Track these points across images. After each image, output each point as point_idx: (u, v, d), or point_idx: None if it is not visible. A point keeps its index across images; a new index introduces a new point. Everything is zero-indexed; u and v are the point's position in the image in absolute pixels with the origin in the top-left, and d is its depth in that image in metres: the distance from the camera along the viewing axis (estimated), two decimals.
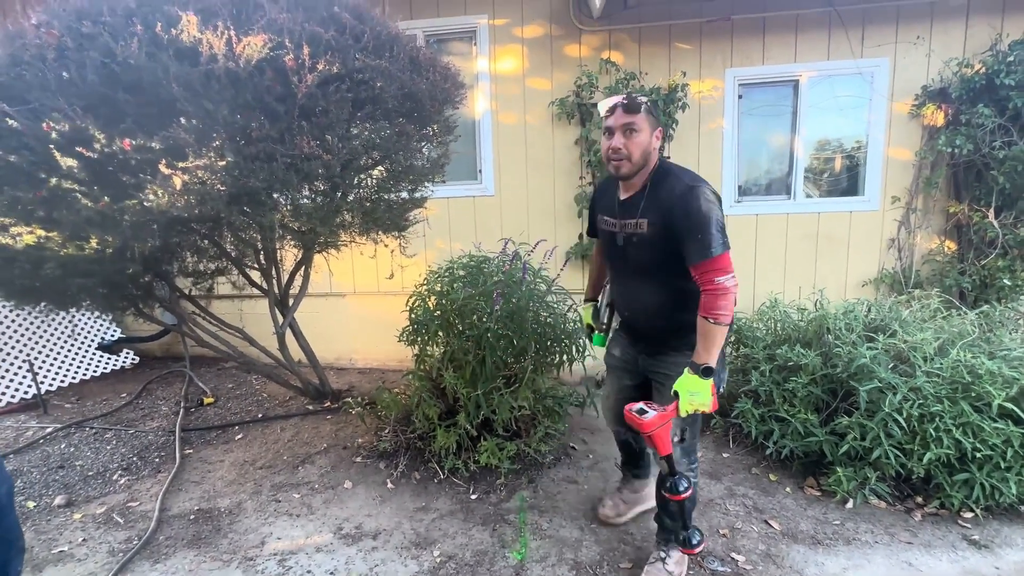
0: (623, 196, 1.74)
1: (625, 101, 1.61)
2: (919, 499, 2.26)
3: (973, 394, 2.12)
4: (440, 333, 2.49)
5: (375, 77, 1.98)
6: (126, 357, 4.49)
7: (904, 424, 2.12)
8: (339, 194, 2.20)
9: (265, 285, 3.11)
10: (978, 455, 2.06)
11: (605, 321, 2.13)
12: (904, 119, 3.56)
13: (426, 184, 2.61)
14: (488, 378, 2.43)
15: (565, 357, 2.64)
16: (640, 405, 1.60)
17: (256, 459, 2.84)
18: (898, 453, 2.16)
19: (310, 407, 3.50)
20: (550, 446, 2.70)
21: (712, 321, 1.53)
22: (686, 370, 1.59)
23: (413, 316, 2.57)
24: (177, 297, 2.92)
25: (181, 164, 1.79)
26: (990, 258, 3.20)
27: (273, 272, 3.00)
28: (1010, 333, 2.56)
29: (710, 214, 1.53)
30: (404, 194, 2.52)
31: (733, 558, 1.99)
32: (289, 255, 3.15)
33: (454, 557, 2.03)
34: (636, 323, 1.87)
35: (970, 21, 3.42)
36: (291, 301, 3.23)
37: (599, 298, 2.18)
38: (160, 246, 2.12)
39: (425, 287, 2.71)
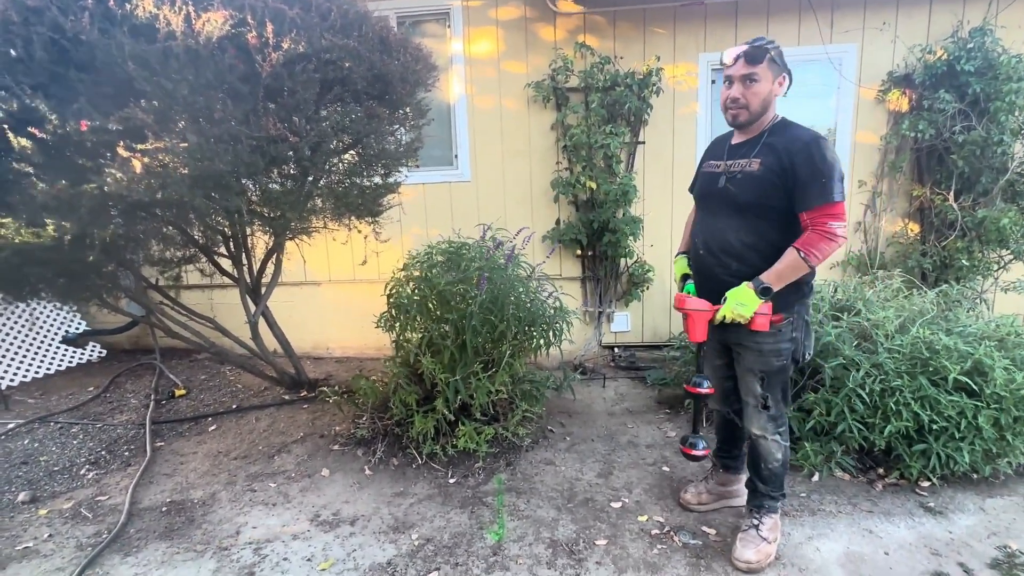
0: (736, 141, 1.80)
1: (748, 51, 1.62)
2: (880, 470, 2.36)
3: (931, 369, 2.20)
4: (419, 319, 2.47)
5: (343, 57, 1.93)
6: (92, 350, 4.35)
7: (867, 399, 2.20)
8: (309, 179, 2.15)
9: (236, 273, 3.04)
10: (935, 427, 2.15)
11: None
12: (870, 104, 3.64)
13: (400, 169, 2.57)
14: (467, 363, 2.43)
15: (543, 341, 2.65)
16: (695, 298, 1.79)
17: (230, 450, 2.80)
18: (861, 427, 2.25)
19: (286, 397, 3.46)
20: (528, 429, 2.73)
21: (802, 255, 1.59)
22: (745, 283, 1.65)
23: (392, 302, 2.54)
24: (144, 287, 2.83)
25: (140, 146, 1.73)
26: (950, 239, 3.32)
27: (244, 260, 2.93)
28: (966, 311, 2.67)
29: (835, 163, 1.59)
30: (377, 179, 2.48)
31: (704, 531, 2.05)
32: (260, 242, 3.09)
33: (432, 540, 2.05)
34: (711, 267, 1.82)
35: (933, 7, 3.50)
36: (263, 290, 3.16)
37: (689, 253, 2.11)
38: (123, 233, 2.04)
39: (403, 272, 2.68)
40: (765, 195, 1.66)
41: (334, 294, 4.26)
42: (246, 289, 2.95)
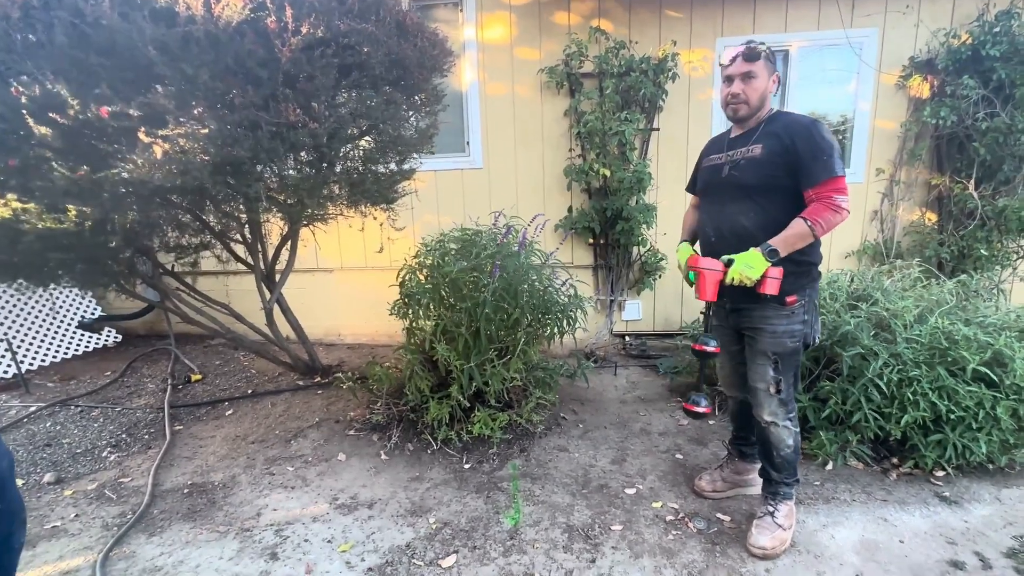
0: (735, 134, 1.89)
1: (744, 51, 1.74)
2: (895, 460, 2.36)
3: (949, 359, 2.19)
4: (431, 306, 2.48)
5: (361, 42, 1.91)
6: (108, 335, 4.40)
7: (884, 389, 2.19)
8: (325, 165, 2.15)
9: (251, 260, 3.05)
10: (952, 417, 2.15)
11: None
12: (891, 90, 3.58)
13: (414, 155, 2.56)
14: (481, 350, 2.44)
15: (556, 329, 2.66)
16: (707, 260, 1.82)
17: (248, 434, 2.84)
18: (877, 416, 2.24)
19: (300, 382, 3.49)
20: (541, 416, 2.75)
21: (808, 223, 1.66)
22: (752, 248, 1.71)
23: (405, 289, 2.55)
24: (160, 273, 2.85)
25: (161, 132, 1.73)
26: (969, 229, 3.27)
27: (259, 247, 2.95)
28: (985, 301, 2.64)
29: (832, 142, 1.69)
30: (392, 165, 2.47)
31: (719, 518, 2.07)
32: (275, 229, 3.10)
33: (449, 523, 2.08)
34: (724, 252, 1.84)
35: None
36: (277, 276, 3.18)
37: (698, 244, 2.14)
38: (141, 219, 2.05)
39: (416, 260, 2.69)
40: (769, 176, 1.75)
41: (346, 281, 4.28)
42: (261, 276, 2.97)
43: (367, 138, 2.25)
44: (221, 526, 2.09)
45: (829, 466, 2.36)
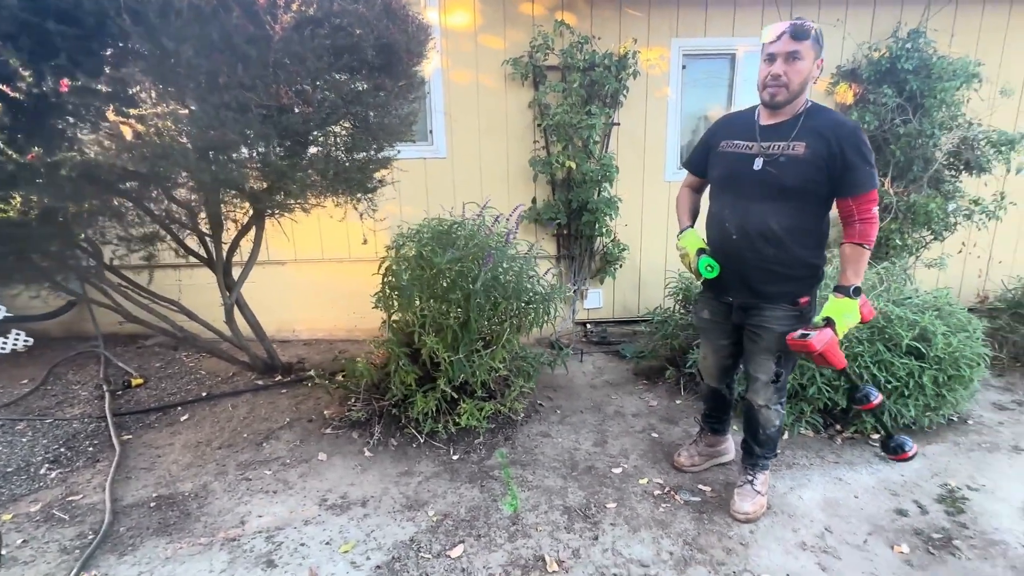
0: (768, 122, 1.78)
1: (792, 28, 1.60)
2: (839, 427, 2.66)
3: (886, 336, 2.50)
4: (418, 298, 2.43)
5: (353, 23, 1.82)
6: (16, 339, 3.87)
7: None
8: (310, 150, 2.04)
9: (204, 253, 2.83)
10: (888, 386, 2.46)
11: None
12: (821, 96, 3.94)
13: (394, 144, 2.49)
14: (469, 341, 2.44)
15: (537, 318, 2.71)
16: (801, 331, 1.73)
17: (211, 439, 2.65)
18: (828, 389, 2.52)
19: (260, 382, 3.29)
20: (523, 404, 2.80)
21: (866, 247, 1.68)
22: (832, 296, 1.72)
23: (388, 281, 2.49)
24: (101, 268, 2.57)
25: (135, 111, 1.56)
26: (886, 222, 3.71)
27: (212, 238, 2.72)
28: (904, 284, 3.03)
29: (871, 152, 1.65)
30: (372, 152, 2.39)
31: (700, 489, 2.24)
32: (230, 221, 2.87)
33: (450, 515, 2.08)
34: (742, 251, 1.81)
35: (877, 9, 3.83)
36: (234, 270, 2.97)
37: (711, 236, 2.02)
38: (100, 208, 1.84)
39: (393, 251, 2.62)
40: (811, 179, 1.67)
41: (301, 274, 4.06)
42: (220, 269, 2.76)
43: (351, 124, 2.15)
44: (203, 538, 1.95)
45: (786, 436, 2.62)
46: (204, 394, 3.13)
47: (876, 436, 2.58)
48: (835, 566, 1.79)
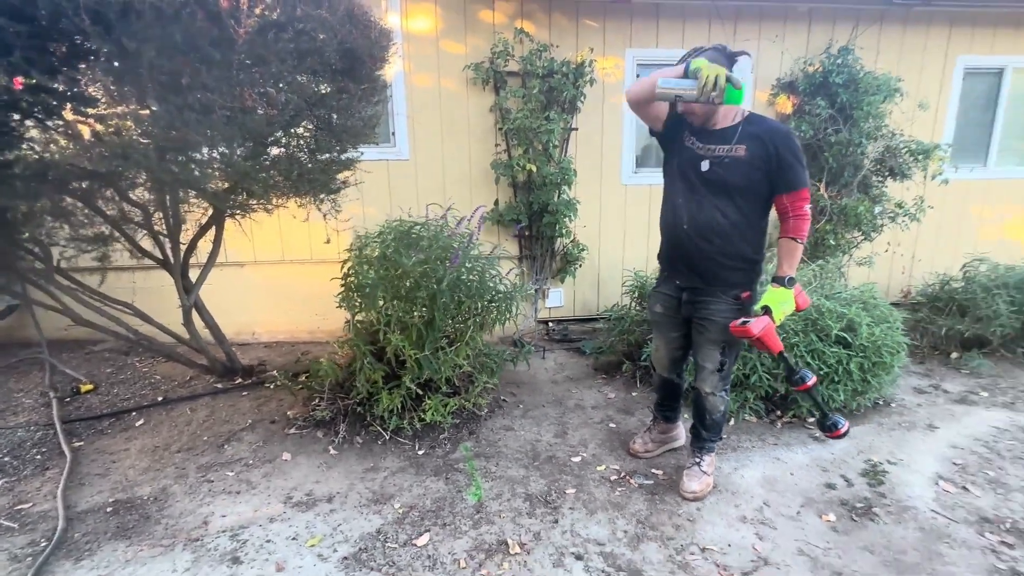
0: (713, 128, 1.94)
1: (747, 53, 1.89)
2: (779, 412, 2.88)
3: (818, 327, 2.73)
4: (383, 298, 2.48)
5: (316, 28, 1.87)
6: None
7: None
8: (272, 151, 2.07)
9: (160, 255, 2.77)
10: (821, 373, 2.69)
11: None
12: (763, 107, 4.23)
13: (358, 146, 2.53)
14: (434, 339, 2.51)
15: (500, 316, 2.80)
16: (742, 319, 1.90)
17: (170, 443, 2.60)
18: (768, 377, 2.73)
19: (219, 386, 3.25)
20: (486, 400, 2.89)
21: (799, 241, 1.87)
22: (770, 286, 1.90)
23: (353, 281, 2.52)
24: (51, 270, 2.49)
25: (92, 111, 1.56)
26: (821, 223, 4.02)
27: (168, 239, 2.68)
28: (836, 280, 3.30)
29: (803, 155, 1.85)
30: (335, 154, 2.42)
31: (654, 473, 2.39)
32: (189, 221, 2.83)
33: (415, 506, 2.14)
34: (693, 240, 1.97)
35: (812, 27, 4.14)
36: (191, 272, 2.92)
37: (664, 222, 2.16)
38: (53, 209, 1.81)
39: (356, 252, 2.65)
40: (753, 179, 1.88)
41: (261, 276, 4.01)
42: (178, 271, 2.72)
43: (314, 126, 2.18)
44: (164, 540, 1.94)
45: (732, 422, 2.82)
46: (160, 399, 3.06)
47: (812, 419, 2.81)
48: (771, 535, 1.97)
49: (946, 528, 2.00)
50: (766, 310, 1.90)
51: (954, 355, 3.67)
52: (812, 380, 2.00)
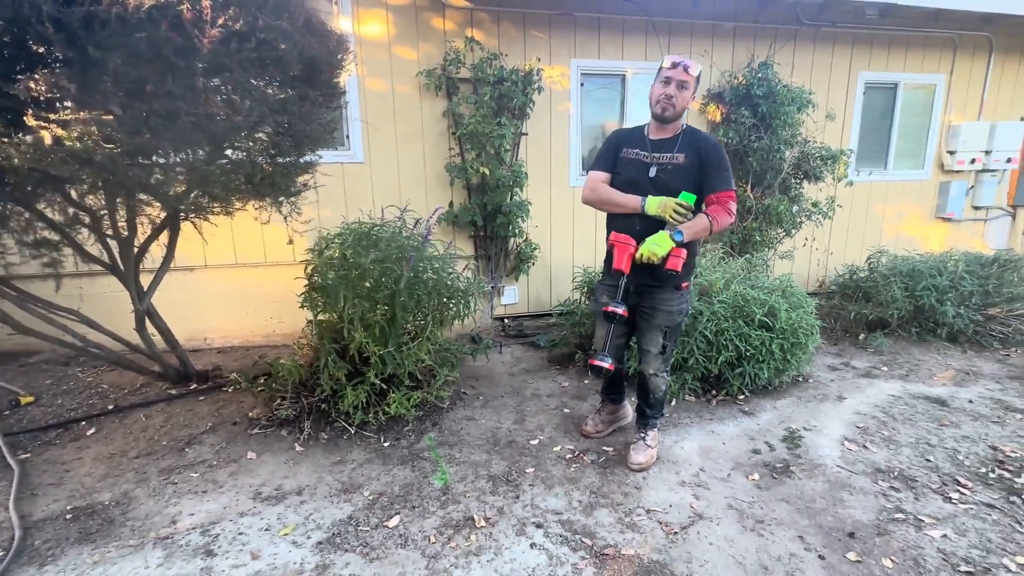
0: (656, 137, 2.21)
1: (688, 63, 2.08)
2: (714, 392, 3.19)
3: (745, 313, 3.07)
4: (345, 297, 2.57)
5: (278, 38, 1.96)
6: None
7: (709, 338, 2.97)
8: (232, 155, 2.12)
9: (108, 260, 2.73)
10: (747, 355, 3.02)
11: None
12: (695, 115, 4.61)
13: (317, 150, 2.61)
14: (396, 335, 2.63)
15: (458, 312, 2.95)
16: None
17: (127, 450, 2.57)
18: (704, 360, 3.03)
19: (173, 392, 3.20)
20: (447, 392, 3.03)
21: (710, 219, 2.08)
22: (661, 230, 2.07)
23: (316, 281, 2.59)
24: None
25: (54, 116, 1.59)
26: (748, 222, 4.43)
27: (124, 243, 2.64)
28: (761, 272, 3.68)
29: (728, 162, 2.14)
30: (295, 157, 2.49)
31: (604, 450, 2.61)
32: (142, 225, 2.79)
33: (384, 493, 2.25)
34: (645, 240, 2.12)
35: (736, 43, 4.56)
36: (142, 277, 2.88)
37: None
38: None
39: (315, 253, 2.72)
40: (688, 182, 2.14)
41: (212, 280, 3.95)
42: (130, 276, 2.68)
43: (275, 131, 2.25)
44: (132, 540, 1.96)
45: (673, 402, 3.10)
46: (111, 407, 2.99)
47: (741, 397, 3.14)
48: (705, 495, 2.23)
49: (848, 479, 2.34)
50: (641, 240, 2.11)
51: (861, 336, 4.17)
52: (622, 311, 2.16)
